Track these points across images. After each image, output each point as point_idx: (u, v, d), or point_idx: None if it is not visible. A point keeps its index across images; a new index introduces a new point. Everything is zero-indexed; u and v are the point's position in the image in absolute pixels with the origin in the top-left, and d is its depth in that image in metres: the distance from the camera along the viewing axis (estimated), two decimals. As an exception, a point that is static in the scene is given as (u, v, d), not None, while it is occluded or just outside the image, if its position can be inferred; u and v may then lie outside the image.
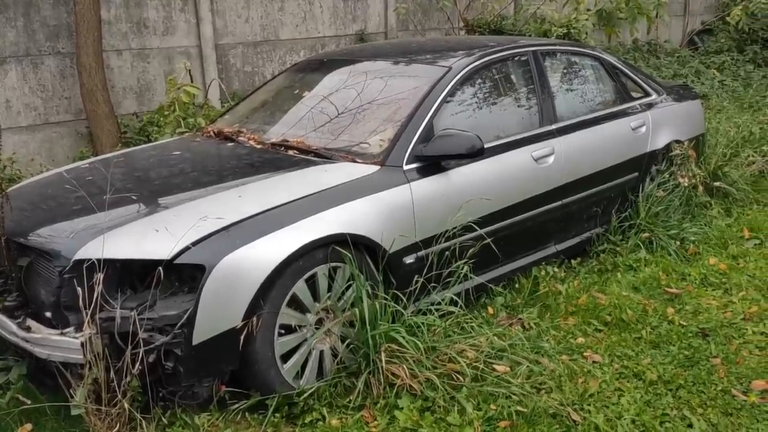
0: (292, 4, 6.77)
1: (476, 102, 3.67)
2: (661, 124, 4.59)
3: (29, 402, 2.67)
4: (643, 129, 4.46)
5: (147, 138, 5.45)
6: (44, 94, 5.50)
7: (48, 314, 2.67)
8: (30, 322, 2.71)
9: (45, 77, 5.48)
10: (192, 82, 5.54)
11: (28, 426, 2.68)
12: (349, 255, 2.84)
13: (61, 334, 2.60)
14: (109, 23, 5.68)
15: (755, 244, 4.35)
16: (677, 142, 4.69)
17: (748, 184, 5.25)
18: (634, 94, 4.64)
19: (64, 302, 2.62)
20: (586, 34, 7.71)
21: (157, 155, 3.62)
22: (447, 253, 3.18)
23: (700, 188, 4.79)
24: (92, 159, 3.93)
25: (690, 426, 2.65)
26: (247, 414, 2.74)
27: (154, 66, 6.04)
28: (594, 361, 3.08)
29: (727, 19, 9.64)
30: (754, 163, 5.53)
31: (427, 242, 3.15)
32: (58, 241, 2.70)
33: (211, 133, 3.89)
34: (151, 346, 2.54)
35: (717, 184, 5.03)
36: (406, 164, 3.19)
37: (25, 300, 2.82)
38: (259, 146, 3.55)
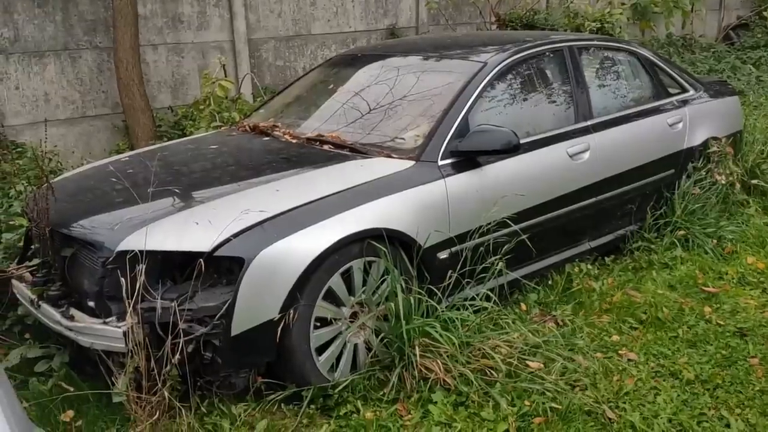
0: (324, -1, 6.80)
1: (511, 97, 3.66)
2: (698, 120, 4.52)
3: (72, 389, 2.74)
4: (680, 125, 4.40)
5: (182, 132, 5.52)
6: (82, 87, 5.61)
7: (91, 304, 2.73)
8: (73, 311, 2.77)
9: (83, 71, 5.59)
10: (226, 76, 5.60)
11: (71, 412, 2.75)
12: (384, 250, 2.86)
13: (104, 323, 2.66)
14: (145, 18, 5.76)
15: (794, 244, 4.28)
16: (714, 138, 4.62)
17: (787, 182, 5.15)
18: (670, 90, 4.57)
19: (107, 292, 2.68)
20: (620, 28, 7.61)
21: (194, 149, 3.67)
22: (481, 248, 3.19)
23: (738, 186, 4.72)
24: (132, 152, 4.01)
25: (727, 426, 2.63)
26: (282, 405, 2.78)
27: (188, 60, 6.11)
28: (629, 359, 3.06)
29: (764, 13, 9.45)
30: (793, 160, 5.41)
31: (462, 238, 3.15)
32: (101, 233, 2.76)
33: (247, 127, 3.93)
34: (191, 336, 2.58)
35: (755, 181, 4.95)
36: (441, 159, 3.20)
37: (68, 290, 2.89)
38: (294, 141, 3.57)
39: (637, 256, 4.09)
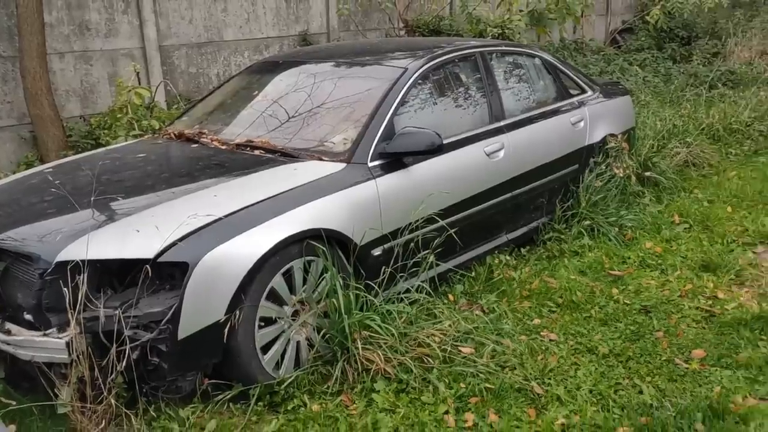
0: (235, 5, 6.81)
1: (432, 100, 3.86)
2: (597, 119, 4.91)
3: (14, 403, 2.69)
4: (582, 124, 4.76)
5: (95, 141, 5.40)
6: (-15, 98, 5.38)
7: (28, 317, 2.69)
8: (9, 326, 2.73)
9: (-15, 81, 5.36)
10: (140, 84, 5.53)
11: (12, 427, 2.70)
12: (323, 249, 2.98)
13: (44, 335, 2.63)
14: (50, 26, 5.58)
15: (685, 229, 4.73)
16: (612, 135, 5.02)
17: (675, 173, 5.67)
18: (571, 91, 4.93)
19: (46, 304, 2.65)
20: (519, 33, 8.05)
21: (121, 158, 3.65)
22: (411, 244, 3.37)
23: (633, 178, 5.14)
24: (55, 162, 3.92)
25: (640, 392, 2.92)
26: (230, 404, 2.85)
27: (98, 68, 5.97)
28: (551, 339, 3.33)
29: (647, 18, 10.20)
30: (679, 153, 5.95)
31: (393, 235, 3.32)
32: (36, 244, 2.73)
33: (172, 135, 3.94)
34: (137, 342, 2.61)
35: (648, 174, 5.40)
36: (371, 161, 3.35)
37: (2, 304, 2.83)
38: (223, 147, 3.63)
39: (550, 246, 4.40)
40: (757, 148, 6.66)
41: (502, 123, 4.12)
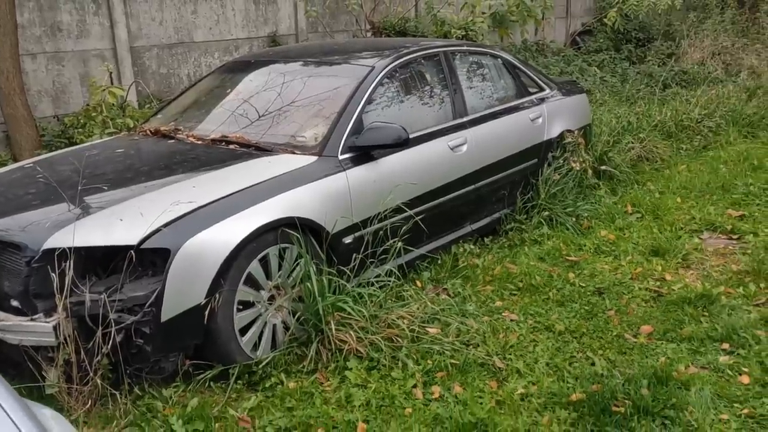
0: (204, 7, 6.94)
1: (398, 97, 4.08)
2: (554, 115, 5.17)
3: (3, 386, 2.82)
4: (540, 120, 5.02)
5: (69, 141, 5.49)
6: (-43, 98, 5.43)
7: (15, 303, 2.83)
8: (-3, 313, 2.86)
9: (-43, 81, 5.41)
10: (112, 84, 5.64)
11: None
12: (297, 236, 3.16)
13: (32, 320, 2.77)
14: (22, 27, 5.66)
15: (637, 218, 5.02)
16: (569, 131, 5.29)
17: (629, 167, 5.97)
18: (530, 89, 5.19)
19: (33, 290, 2.79)
20: (482, 35, 8.32)
21: (101, 153, 3.78)
22: (381, 233, 3.57)
23: (590, 171, 5.42)
24: (37, 158, 4.03)
25: (593, 364, 3.16)
26: (211, 383, 3.01)
27: (69, 69, 6.06)
28: (511, 319, 3.56)
29: (604, 20, 10.57)
30: (633, 149, 6.26)
31: (364, 223, 3.52)
32: (24, 233, 2.86)
33: (148, 131, 4.08)
34: (122, 325, 2.76)
35: (603, 167, 5.69)
36: (341, 154, 3.55)
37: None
38: (199, 142, 3.79)
39: (511, 236, 4.65)
40: (706, 143, 7.03)
41: (465, 119, 4.34)
